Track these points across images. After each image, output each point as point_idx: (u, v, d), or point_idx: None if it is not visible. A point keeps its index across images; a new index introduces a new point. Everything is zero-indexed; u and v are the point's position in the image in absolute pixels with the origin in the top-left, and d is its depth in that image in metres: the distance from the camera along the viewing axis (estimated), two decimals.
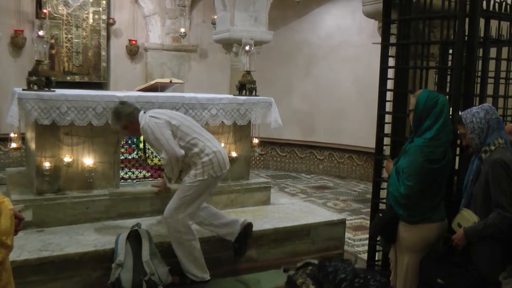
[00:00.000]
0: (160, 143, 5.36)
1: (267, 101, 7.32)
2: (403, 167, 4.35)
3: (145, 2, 13.66)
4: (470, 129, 4.14)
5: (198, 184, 5.43)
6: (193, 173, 5.45)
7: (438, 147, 4.25)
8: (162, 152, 5.39)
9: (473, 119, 4.13)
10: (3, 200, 2.87)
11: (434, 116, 4.27)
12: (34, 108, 5.78)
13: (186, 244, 5.46)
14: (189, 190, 5.43)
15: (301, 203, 8.16)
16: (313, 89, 13.58)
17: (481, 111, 4.14)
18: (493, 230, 3.92)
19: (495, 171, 3.93)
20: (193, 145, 5.48)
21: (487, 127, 4.09)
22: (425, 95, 4.34)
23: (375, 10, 5.93)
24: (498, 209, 3.89)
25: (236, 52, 10.84)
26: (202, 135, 5.63)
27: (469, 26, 4.85)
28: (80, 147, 6.24)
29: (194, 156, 5.46)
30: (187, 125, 5.63)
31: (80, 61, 12.89)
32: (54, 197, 6.07)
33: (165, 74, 13.42)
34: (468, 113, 4.19)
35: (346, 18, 13.19)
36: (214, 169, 5.48)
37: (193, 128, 5.65)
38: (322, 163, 13.52)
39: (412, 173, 4.26)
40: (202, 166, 5.43)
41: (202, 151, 5.47)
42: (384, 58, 5.65)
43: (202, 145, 5.50)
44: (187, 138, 5.49)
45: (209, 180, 5.48)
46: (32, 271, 5.03)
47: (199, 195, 5.48)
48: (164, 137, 5.36)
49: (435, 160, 4.25)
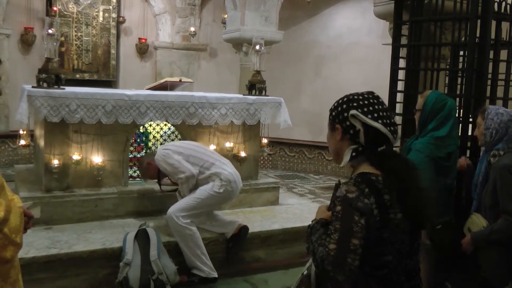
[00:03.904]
0: (174, 166, 5.69)
1: (276, 101, 7.31)
2: None
3: (155, 1, 13.67)
4: (487, 124, 4.08)
5: (215, 194, 5.69)
6: (211, 184, 5.71)
7: (444, 148, 4.21)
8: (179, 173, 5.68)
9: (495, 118, 4.07)
10: (13, 198, 2.87)
11: (441, 118, 4.22)
12: (44, 105, 5.79)
13: (189, 238, 5.57)
14: (203, 195, 5.68)
15: (310, 203, 8.16)
16: (323, 89, 13.53)
17: (507, 115, 4.07)
18: (499, 236, 3.87)
19: (503, 177, 3.88)
20: (207, 169, 5.77)
21: (504, 132, 4.04)
22: (434, 97, 4.29)
23: (387, 11, 5.91)
24: (505, 215, 3.84)
25: (246, 51, 10.84)
26: (217, 159, 5.92)
27: (480, 28, 4.83)
28: (89, 145, 6.25)
29: (211, 176, 5.74)
30: (201, 151, 5.96)
31: (90, 59, 12.91)
32: (63, 194, 6.08)
33: (175, 73, 13.41)
34: (494, 109, 4.12)
35: (357, 18, 13.14)
36: (232, 185, 5.74)
37: (208, 154, 5.97)
38: (331, 164, 13.47)
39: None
40: (220, 181, 5.68)
41: (218, 172, 5.74)
42: (395, 59, 5.62)
43: (218, 167, 5.79)
44: (201, 163, 5.78)
45: (224, 195, 5.74)
46: (40, 268, 5.04)
47: (208, 204, 5.79)
48: (176, 159, 5.70)
49: (440, 158, 4.20)
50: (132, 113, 6.26)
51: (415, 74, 5.41)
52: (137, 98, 6.29)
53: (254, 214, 6.81)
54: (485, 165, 4.12)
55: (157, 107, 6.40)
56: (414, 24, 5.35)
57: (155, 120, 6.56)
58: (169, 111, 6.50)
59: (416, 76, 5.41)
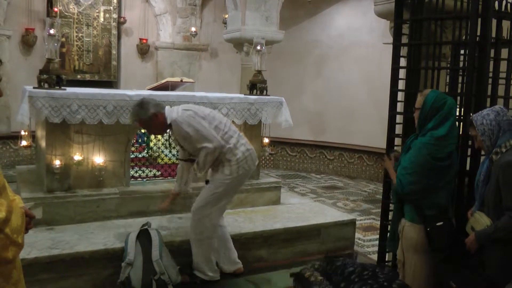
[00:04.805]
0: (202, 133, 5.17)
1: (278, 101, 7.32)
2: (404, 164, 4.31)
3: (156, 1, 13.68)
4: (480, 131, 4.10)
5: (230, 181, 5.36)
6: (227, 170, 5.35)
7: (445, 147, 4.21)
8: (204, 142, 5.16)
9: (484, 121, 4.09)
10: (14, 198, 2.87)
11: (440, 117, 4.22)
12: (45, 106, 5.80)
13: (206, 242, 5.43)
14: (219, 187, 5.37)
15: (311, 203, 8.16)
16: (324, 89, 13.54)
17: (492, 113, 4.10)
18: (503, 233, 3.86)
19: (505, 174, 3.88)
20: (226, 140, 5.36)
21: (497, 129, 4.05)
22: (433, 96, 4.28)
23: (387, 10, 5.90)
24: (509, 212, 3.84)
25: (247, 51, 10.83)
26: (234, 131, 5.54)
27: (481, 26, 4.82)
28: (90, 145, 6.26)
29: (228, 152, 5.34)
30: (221, 119, 5.52)
31: (91, 59, 12.92)
32: (64, 195, 6.09)
33: (176, 73, 13.42)
34: (479, 115, 4.16)
35: (357, 18, 13.14)
36: (248, 163, 5.46)
37: (225, 123, 5.51)
38: (332, 163, 13.48)
39: (416, 170, 4.21)
40: (237, 162, 5.35)
41: (236, 146, 5.40)
42: (396, 58, 5.62)
43: (235, 140, 5.42)
44: (220, 133, 5.35)
45: (241, 176, 5.45)
46: (42, 269, 5.05)
47: (228, 192, 5.48)
48: (204, 126, 5.21)
49: (440, 158, 4.19)
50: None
51: (416, 73, 5.40)
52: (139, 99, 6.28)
53: (256, 214, 6.82)
54: (487, 163, 4.12)
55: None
56: (415, 23, 5.35)
57: None
58: None
59: (416, 75, 5.40)
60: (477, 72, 4.84)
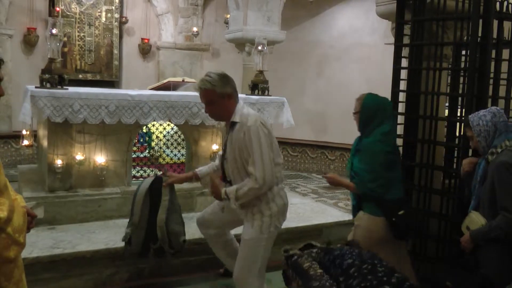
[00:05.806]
0: (263, 161, 4.11)
1: (279, 101, 7.32)
2: (361, 166, 4.42)
3: (158, 1, 13.69)
4: (476, 132, 4.13)
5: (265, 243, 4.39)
6: (257, 224, 4.33)
7: (390, 141, 4.50)
8: (257, 171, 4.10)
9: (480, 122, 4.11)
10: (16, 198, 2.88)
11: (382, 116, 4.48)
12: (47, 105, 5.81)
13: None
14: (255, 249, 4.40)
15: (313, 203, 8.16)
16: (325, 89, 13.53)
17: (488, 114, 4.12)
18: (498, 233, 3.90)
19: (500, 174, 3.91)
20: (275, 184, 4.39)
21: (494, 130, 4.07)
22: (370, 98, 4.58)
23: (389, 10, 5.90)
24: (504, 211, 3.87)
25: (248, 51, 10.82)
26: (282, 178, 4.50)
27: (482, 27, 4.84)
28: (92, 145, 6.26)
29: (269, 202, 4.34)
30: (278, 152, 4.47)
31: (93, 59, 12.93)
32: (66, 194, 6.10)
33: (177, 73, 13.42)
34: (475, 116, 4.18)
35: (359, 18, 13.12)
36: (280, 220, 4.48)
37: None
38: (334, 163, 13.46)
39: (374, 167, 4.37)
40: (270, 217, 4.33)
41: (274, 195, 4.36)
42: (397, 59, 5.63)
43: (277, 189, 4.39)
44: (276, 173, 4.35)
45: (274, 233, 4.46)
46: (43, 268, 5.06)
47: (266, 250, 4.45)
48: (269, 157, 4.15)
49: (389, 151, 4.43)
50: (135, 113, 6.27)
51: (418, 74, 5.41)
52: (140, 98, 6.30)
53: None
54: (483, 164, 4.14)
55: (160, 107, 6.40)
56: (417, 23, 5.35)
57: (158, 120, 6.57)
58: (172, 111, 6.50)
59: (418, 75, 5.41)
60: (478, 73, 4.85)
